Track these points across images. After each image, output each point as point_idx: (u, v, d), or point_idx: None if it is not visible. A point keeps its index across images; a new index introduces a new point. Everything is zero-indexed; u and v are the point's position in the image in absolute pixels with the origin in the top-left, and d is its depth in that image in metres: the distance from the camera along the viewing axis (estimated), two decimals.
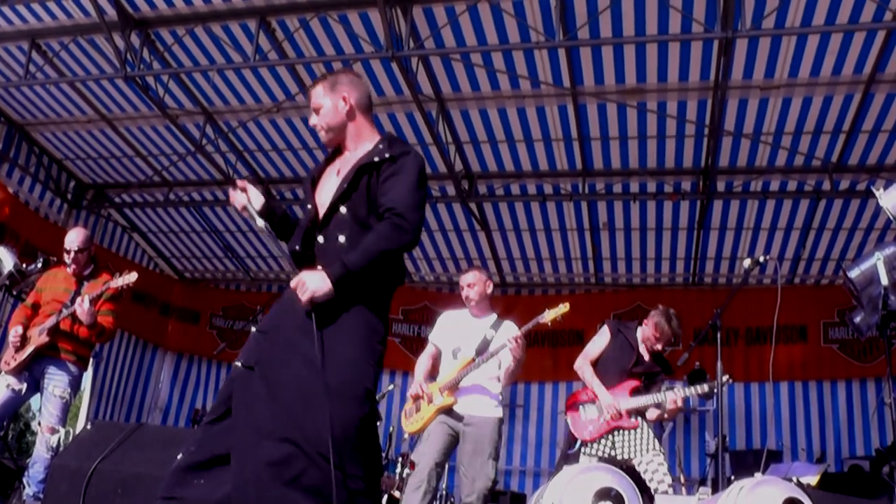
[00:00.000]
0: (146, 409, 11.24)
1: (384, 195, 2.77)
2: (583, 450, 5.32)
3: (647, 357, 5.45)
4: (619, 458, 5.20)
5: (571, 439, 5.49)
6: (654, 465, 5.03)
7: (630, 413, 5.26)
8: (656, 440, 5.19)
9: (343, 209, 2.82)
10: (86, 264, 5.86)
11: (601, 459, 5.18)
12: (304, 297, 2.64)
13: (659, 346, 5.43)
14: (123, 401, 10.88)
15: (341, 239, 2.79)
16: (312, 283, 2.65)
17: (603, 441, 5.31)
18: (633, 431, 5.24)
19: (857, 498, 3.71)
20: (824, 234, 8.92)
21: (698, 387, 5.20)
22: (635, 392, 5.28)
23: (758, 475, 2.38)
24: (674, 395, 5.16)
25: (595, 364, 5.53)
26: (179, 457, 2.66)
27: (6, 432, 7.57)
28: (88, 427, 4.02)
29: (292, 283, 2.71)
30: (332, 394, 2.53)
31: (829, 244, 9.07)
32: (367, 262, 2.67)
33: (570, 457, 5.38)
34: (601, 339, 5.59)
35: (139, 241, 11.11)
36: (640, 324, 5.55)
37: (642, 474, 5.01)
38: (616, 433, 5.29)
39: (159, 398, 11.37)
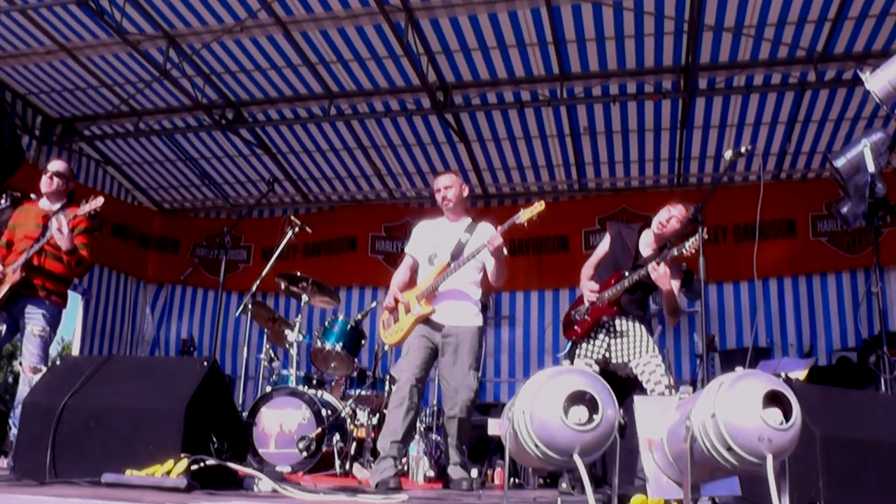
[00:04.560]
0: (136, 342, 11.23)
1: None
2: (577, 352, 5.17)
3: (649, 253, 5.19)
4: (614, 361, 5.08)
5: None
6: (651, 366, 4.91)
7: (611, 301, 5.04)
8: (652, 342, 5.03)
9: None
10: (59, 193, 5.80)
11: (597, 363, 5.10)
12: None
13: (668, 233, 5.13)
14: (114, 336, 10.85)
15: None
16: None
17: (598, 343, 5.11)
18: (628, 336, 5.05)
19: (841, 388, 3.67)
20: (810, 127, 8.74)
21: (683, 248, 4.77)
22: (617, 280, 5.07)
23: (739, 369, 2.27)
24: (653, 265, 4.86)
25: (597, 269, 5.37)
26: None
27: None
28: (57, 363, 3.93)
29: None
30: None
31: (815, 136, 8.90)
32: None
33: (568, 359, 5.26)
34: (602, 244, 5.41)
35: (115, 175, 10.90)
36: (647, 227, 5.28)
37: (639, 376, 4.93)
38: (612, 336, 5.09)
39: (146, 331, 11.34)
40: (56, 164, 5.87)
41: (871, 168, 4.78)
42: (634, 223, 5.51)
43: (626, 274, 5.05)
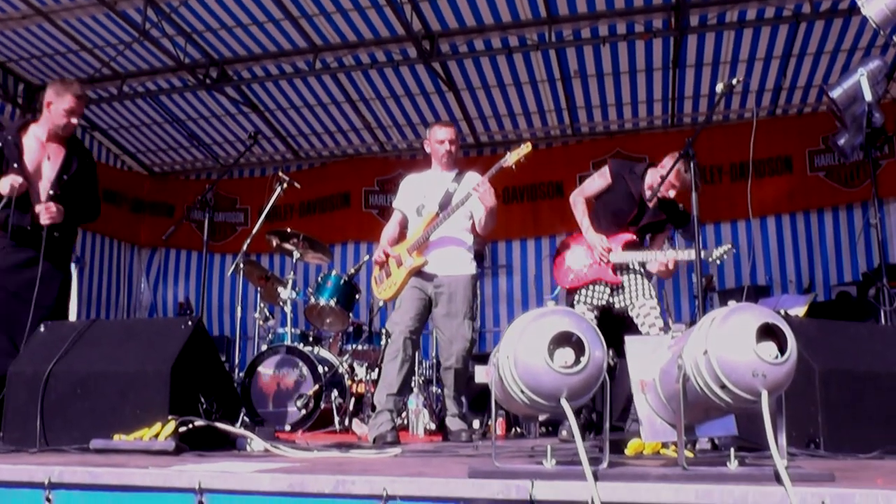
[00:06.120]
0: (133, 308, 11.18)
1: None
2: (576, 297, 5.14)
3: (651, 205, 5.06)
4: (617, 306, 5.07)
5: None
6: (646, 308, 4.94)
7: (616, 268, 5.02)
8: (649, 286, 5.03)
9: None
10: None
11: (598, 308, 5.08)
12: None
13: (671, 194, 4.96)
14: (110, 303, 10.79)
15: None
16: None
17: (599, 288, 5.09)
18: (630, 280, 5.04)
19: (840, 321, 3.60)
20: (805, 60, 8.55)
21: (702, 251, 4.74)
22: (628, 246, 5.00)
23: (731, 303, 2.18)
24: (663, 257, 4.88)
25: (591, 206, 5.26)
26: None
27: None
28: (41, 330, 3.86)
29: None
30: None
31: (811, 70, 8.71)
32: None
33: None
34: (600, 180, 5.23)
35: (102, 140, 10.76)
36: (652, 166, 5.14)
37: (635, 319, 4.95)
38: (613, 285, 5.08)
39: (143, 297, 11.29)
40: None
41: (868, 97, 4.66)
42: (639, 164, 5.31)
43: (635, 237, 5.07)
